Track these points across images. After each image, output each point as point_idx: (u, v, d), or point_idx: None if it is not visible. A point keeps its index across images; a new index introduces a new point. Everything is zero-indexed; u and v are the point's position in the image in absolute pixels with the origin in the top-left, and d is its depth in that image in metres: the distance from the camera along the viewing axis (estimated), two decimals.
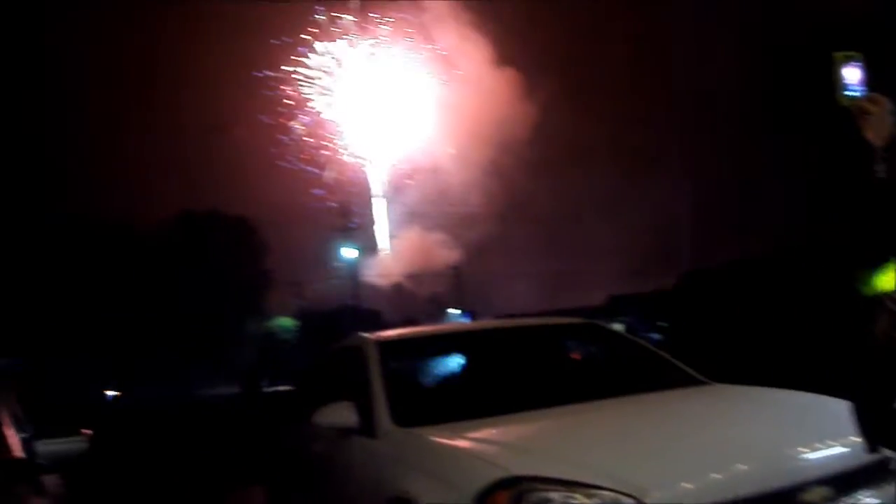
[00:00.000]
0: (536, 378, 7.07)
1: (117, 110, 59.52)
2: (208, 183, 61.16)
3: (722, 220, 58.79)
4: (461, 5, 62.30)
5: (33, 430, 8.32)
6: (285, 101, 63.71)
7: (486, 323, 13.38)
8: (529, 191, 62.58)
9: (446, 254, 63.55)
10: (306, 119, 64.30)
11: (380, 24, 64.23)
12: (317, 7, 63.64)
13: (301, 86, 64.10)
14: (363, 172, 65.43)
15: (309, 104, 64.25)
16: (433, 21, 63.50)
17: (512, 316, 48.52)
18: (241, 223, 60.00)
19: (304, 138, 64.05)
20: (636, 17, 60.42)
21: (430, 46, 64.34)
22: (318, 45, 63.88)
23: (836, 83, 4.51)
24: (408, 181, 65.40)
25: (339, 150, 64.63)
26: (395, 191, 66.01)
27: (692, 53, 59.80)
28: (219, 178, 61.06)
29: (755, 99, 56.46)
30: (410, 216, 65.74)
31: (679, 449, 5.14)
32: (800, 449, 5.08)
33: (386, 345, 7.11)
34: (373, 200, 65.87)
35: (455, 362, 7.51)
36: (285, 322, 62.34)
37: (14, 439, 7.24)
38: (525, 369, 7.24)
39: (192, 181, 61.49)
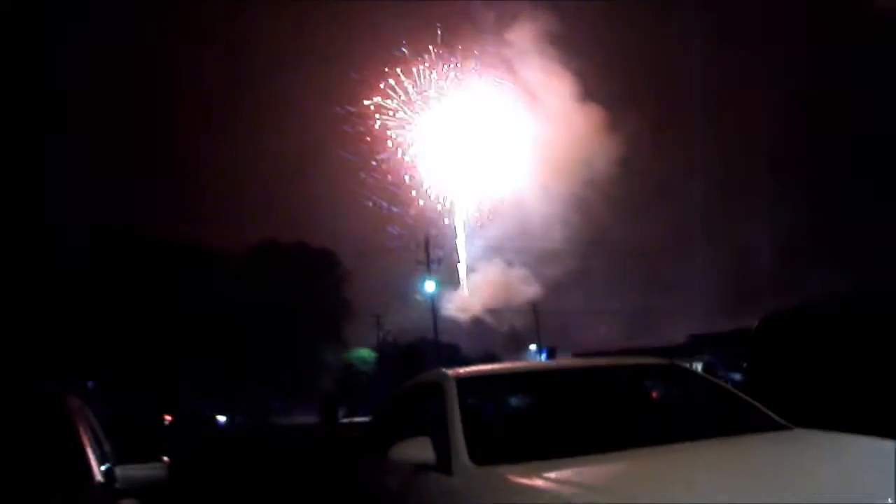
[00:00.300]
0: (615, 419, 7.00)
1: (208, 137, 60.39)
2: (295, 213, 61.81)
3: (809, 258, 57.99)
4: (546, 40, 62.29)
5: (113, 456, 8.41)
6: (366, 137, 64.19)
7: (565, 361, 13.30)
8: (611, 226, 62.18)
9: (526, 289, 63.40)
10: (388, 154, 64.68)
11: (464, 58, 64.48)
12: (402, 42, 64.07)
13: (384, 118, 64.55)
14: (445, 207, 65.50)
15: (392, 138, 64.64)
16: (518, 55, 63.62)
17: (591, 354, 48.35)
18: (325, 254, 60.47)
19: (387, 175, 64.37)
20: (719, 52, 60.02)
21: (514, 81, 64.33)
22: (402, 81, 64.25)
23: None
24: (490, 216, 65.38)
25: (422, 185, 64.84)
26: (478, 225, 65.98)
27: (779, 93, 59.28)
28: (305, 208, 61.73)
29: (844, 139, 55.89)
30: (492, 251, 65.72)
31: (751, 498, 5.06)
32: (877, 501, 4.97)
33: (464, 381, 7.09)
34: (454, 235, 65.90)
35: (534, 401, 7.47)
36: (364, 353, 62.58)
37: (93, 462, 7.33)
38: (604, 410, 7.18)
39: (280, 211, 62.22)
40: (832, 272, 53.47)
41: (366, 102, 64.23)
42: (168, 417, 47.88)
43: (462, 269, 66.43)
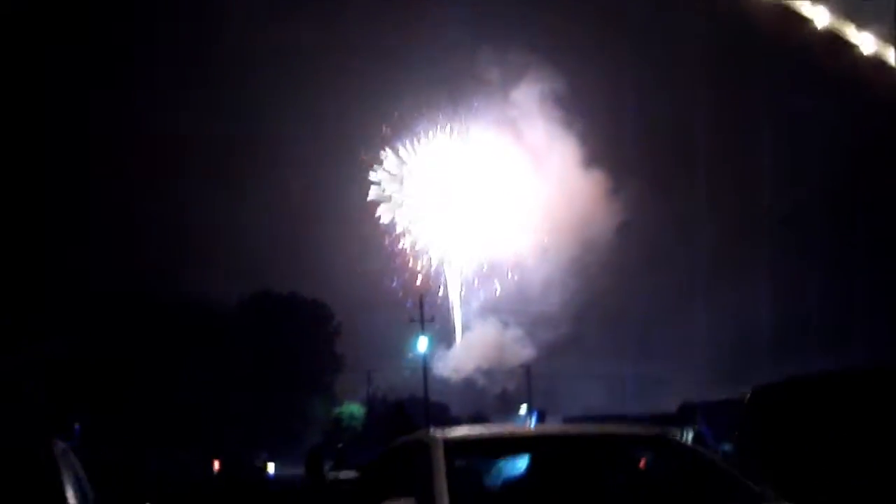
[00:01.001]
0: (601, 488, 7.00)
1: (204, 183, 60.53)
2: (290, 264, 61.77)
3: (804, 331, 58.12)
4: (551, 100, 62.57)
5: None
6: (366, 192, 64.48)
7: (555, 427, 13.27)
8: (608, 291, 62.14)
9: (519, 351, 63.21)
10: (388, 213, 64.92)
11: (467, 117, 64.80)
12: (402, 99, 64.45)
13: (382, 175, 64.84)
14: (442, 266, 65.52)
15: (391, 195, 64.91)
16: (522, 116, 63.91)
17: (581, 418, 48.17)
18: (317, 306, 60.46)
19: (384, 233, 64.59)
20: (719, 115, 60.57)
21: (517, 141, 64.62)
22: (402, 139, 64.67)
23: None
24: (488, 275, 65.41)
25: (419, 243, 64.97)
26: (474, 285, 65.95)
27: (779, 161, 59.79)
28: (301, 261, 61.70)
29: (842, 211, 56.34)
30: (487, 311, 65.61)
31: None
32: None
33: (451, 443, 7.08)
34: (450, 294, 65.87)
35: (521, 466, 7.46)
36: (354, 408, 62.36)
37: None
38: (590, 479, 7.17)
39: (275, 261, 62.18)
40: (825, 346, 53.58)
41: (364, 157, 64.47)
42: (216, 465, 47.35)
43: (456, 328, 66.34)
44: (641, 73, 61.57)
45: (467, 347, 65.36)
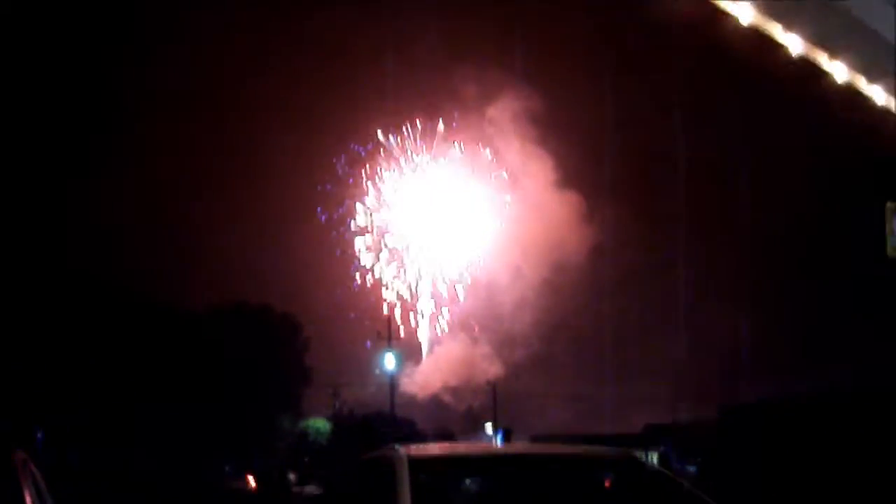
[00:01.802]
0: None
1: (183, 192, 60.54)
2: (263, 277, 61.77)
3: (771, 354, 58.52)
4: (528, 118, 62.61)
5: None
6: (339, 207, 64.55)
7: (521, 446, 13.26)
8: (578, 312, 62.37)
9: (487, 369, 63.20)
10: (362, 226, 65.02)
11: (443, 134, 65.00)
12: (379, 115, 64.65)
13: (357, 191, 64.95)
14: (414, 283, 65.57)
15: (367, 212, 65.02)
16: (498, 133, 64.01)
17: (547, 437, 48.19)
18: (288, 319, 60.35)
19: (357, 249, 64.72)
20: (700, 143, 61.09)
21: (493, 159, 64.81)
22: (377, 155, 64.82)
23: (887, 233, 4.47)
24: (459, 292, 65.49)
25: (389, 260, 65.12)
26: (444, 303, 65.99)
27: (755, 190, 60.36)
28: (273, 273, 61.77)
29: (816, 238, 56.81)
30: (457, 327, 65.70)
31: None
32: None
33: (417, 460, 7.04)
34: (419, 311, 65.88)
35: (485, 485, 7.42)
36: (320, 423, 62.17)
37: None
38: (555, 499, 7.15)
39: (248, 273, 62.12)
40: (793, 370, 53.97)
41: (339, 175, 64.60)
42: (251, 481, 47.02)
43: (423, 345, 66.36)
44: (618, 96, 61.95)
45: (435, 364, 65.36)
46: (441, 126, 64.99)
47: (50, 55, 55.57)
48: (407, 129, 64.93)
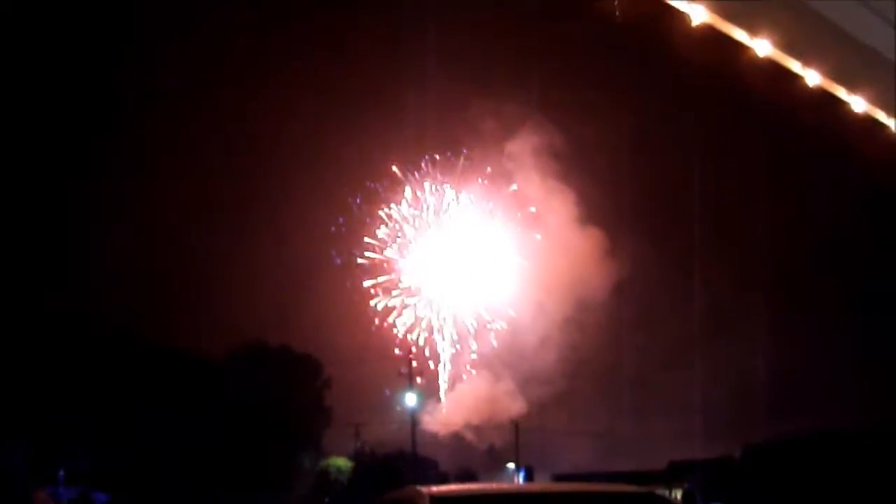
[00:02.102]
0: None
1: (202, 232, 60.61)
2: (280, 316, 61.68)
3: (795, 391, 58.17)
4: (547, 154, 62.53)
5: None
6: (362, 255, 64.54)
7: (543, 485, 13.17)
8: (602, 349, 62.08)
9: (509, 406, 62.90)
10: (381, 262, 64.95)
11: (464, 170, 64.94)
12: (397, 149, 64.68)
13: (378, 228, 64.92)
14: (434, 319, 65.33)
15: (385, 252, 64.94)
16: (519, 168, 63.93)
17: (570, 476, 47.91)
18: (308, 359, 60.30)
19: (378, 287, 64.61)
20: (718, 175, 61.11)
21: (514, 195, 64.69)
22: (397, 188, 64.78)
23: None
24: (482, 330, 65.21)
25: (412, 296, 64.95)
26: (465, 339, 65.67)
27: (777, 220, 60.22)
28: (291, 312, 61.62)
29: (839, 272, 56.62)
30: (478, 366, 65.37)
31: None
32: None
33: (439, 500, 7.00)
34: (438, 350, 65.60)
35: None
36: (341, 462, 61.96)
37: None
38: None
39: (265, 312, 62.10)
40: (819, 406, 53.65)
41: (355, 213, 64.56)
42: None
43: (443, 383, 65.99)
44: (641, 132, 61.96)
45: (457, 402, 65.06)
46: (460, 161, 64.99)
47: (52, 81, 55.84)
48: (425, 164, 64.96)
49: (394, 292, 64.86)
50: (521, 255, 65.10)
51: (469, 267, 65.25)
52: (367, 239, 64.64)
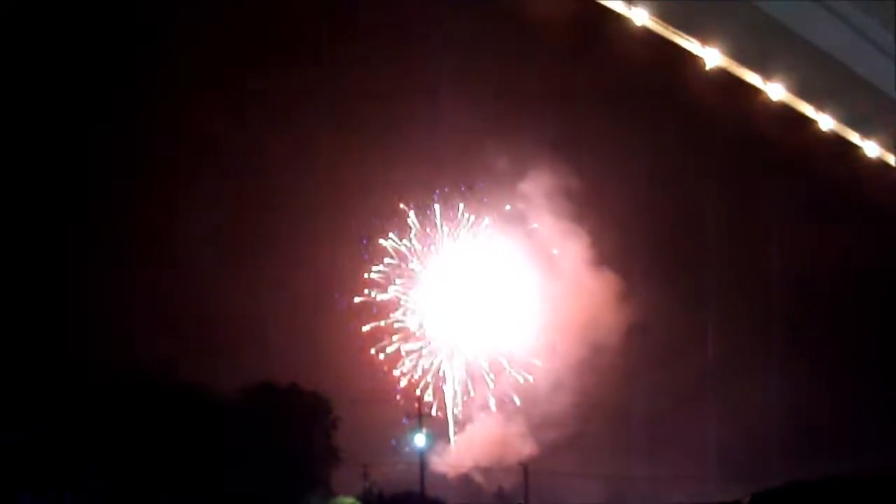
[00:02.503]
0: None
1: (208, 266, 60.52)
2: (289, 355, 61.35)
3: (808, 432, 57.77)
4: (560, 195, 62.51)
5: None
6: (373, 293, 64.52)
7: None
8: (612, 391, 61.67)
9: (519, 448, 62.67)
10: (390, 303, 64.89)
11: (477, 210, 64.93)
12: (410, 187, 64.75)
13: (390, 267, 64.90)
14: (444, 362, 65.11)
15: (393, 288, 64.86)
16: (530, 210, 63.90)
17: None
18: (316, 398, 60.11)
19: (386, 329, 64.57)
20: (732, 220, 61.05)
21: (527, 235, 64.59)
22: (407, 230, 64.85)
23: None
24: (491, 373, 65.01)
25: (422, 338, 64.81)
26: (476, 382, 65.41)
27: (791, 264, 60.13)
28: (300, 351, 61.31)
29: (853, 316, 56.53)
30: (488, 409, 65.13)
31: None
32: None
33: None
34: (450, 391, 65.35)
35: None
36: (348, 502, 61.64)
37: None
38: None
39: (274, 352, 61.78)
40: (833, 450, 53.30)
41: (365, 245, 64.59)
42: None
43: (452, 425, 65.65)
44: (654, 175, 61.82)
45: (466, 443, 64.81)
46: (462, 206, 65.06)
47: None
48: (435, 204, 65.04)
49: (395, 337, 64.93)
50: (533, 296, 64.99)
51: (478, 307, 65.20)
52: (374, 274, 64.70)
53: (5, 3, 48.67)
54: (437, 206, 65.23)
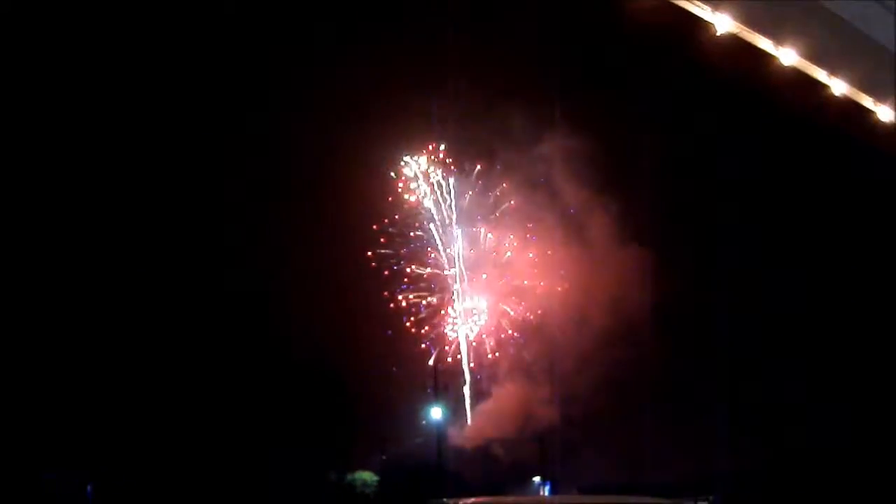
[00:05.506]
0: None
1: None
2: (308, 327, 61.03)
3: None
4: (586, 165, 61.86)
5: None
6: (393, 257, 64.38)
7: (568, 498, 13.12)
8: (632, 363, 61.09)
9: (536, 420, 62.62)
10: (412, 274, 64.80)
11: (504, 180, 64.58)
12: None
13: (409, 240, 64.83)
14: (462, 335, 64.98)
15: (414, 266, 64.80)
16: (555, 177, 63.35)
17: (596, 487, 47.79)
18: (334, 373, 60.27)
19: (409, 296, 64.45)
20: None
21: (550, 204, 64.07)
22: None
23: None
24: (513, 344, 64.84)
25: (442, 310, 64.75)
26: (495, 355, 65.20)
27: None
28: (319, 324, 60.94)
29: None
30: (507, 381, 64.97)
31: None
32: None
33: None
34: (469, 363, 65.25)
35: None
36: (366, 476, 62.04)
37: None
38: None
39: (292, 325, 61.51)
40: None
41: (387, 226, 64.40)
42: None
43: (468, 397, 65.57)
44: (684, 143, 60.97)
45: (484, 416, 64.80)
46: (487, 171, 64.76)
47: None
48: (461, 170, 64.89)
49: (423, 303, 64.77)
50: (558, 269, 64.61)
51: (501, 278, 65.08)
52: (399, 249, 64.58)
53: None
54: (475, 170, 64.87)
